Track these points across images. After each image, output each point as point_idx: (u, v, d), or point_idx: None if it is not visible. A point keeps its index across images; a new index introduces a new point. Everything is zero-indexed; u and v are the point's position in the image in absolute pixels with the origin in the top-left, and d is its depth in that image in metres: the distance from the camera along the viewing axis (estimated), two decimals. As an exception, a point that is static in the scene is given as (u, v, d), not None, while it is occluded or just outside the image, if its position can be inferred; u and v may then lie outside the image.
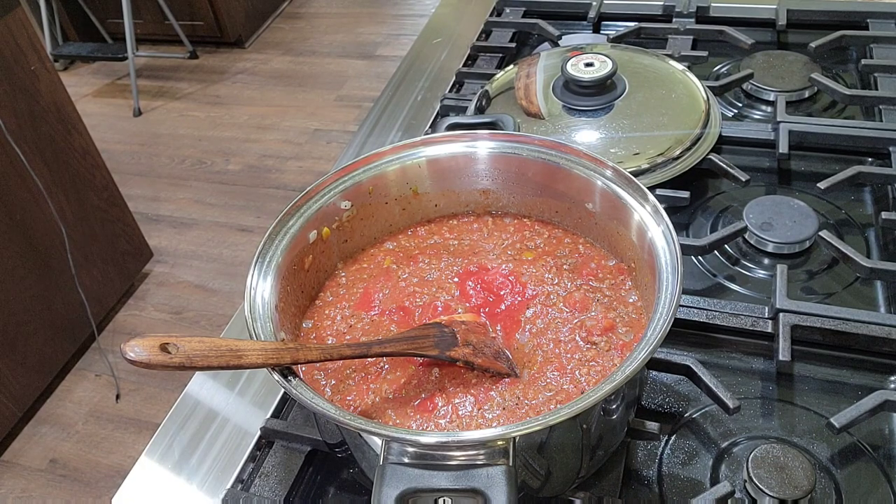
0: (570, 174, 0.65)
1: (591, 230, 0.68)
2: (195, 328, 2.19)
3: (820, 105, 0.99)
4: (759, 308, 0.71)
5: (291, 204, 0.63)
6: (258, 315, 0.55)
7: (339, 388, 0.58)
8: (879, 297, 0.74)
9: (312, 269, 0.65)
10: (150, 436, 0.70)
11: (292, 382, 0.50)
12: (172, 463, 0.65)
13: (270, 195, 2.63)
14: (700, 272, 0.79)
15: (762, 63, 1.02)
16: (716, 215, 0.85)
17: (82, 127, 1.96)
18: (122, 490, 0.64)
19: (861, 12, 1.09)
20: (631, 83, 0.90)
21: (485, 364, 0.57)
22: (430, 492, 0.45)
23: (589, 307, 0.62)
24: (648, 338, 0.49)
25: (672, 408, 0.66)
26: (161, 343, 0.44)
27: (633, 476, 0.61)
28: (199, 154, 2.86)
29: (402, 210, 0.71)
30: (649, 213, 0.59)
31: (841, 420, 0.59)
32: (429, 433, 0.52)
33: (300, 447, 0.64)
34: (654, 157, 0.83)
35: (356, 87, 3.11)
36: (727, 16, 1.14)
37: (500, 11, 1.24)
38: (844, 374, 0.67)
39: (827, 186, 0.81)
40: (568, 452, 0.54)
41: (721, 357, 0.70)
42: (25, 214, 1.82)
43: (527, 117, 0.89)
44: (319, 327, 0.64)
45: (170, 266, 2.39)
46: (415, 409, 0.56)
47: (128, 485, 0.65)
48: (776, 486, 0.54)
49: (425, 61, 1.16)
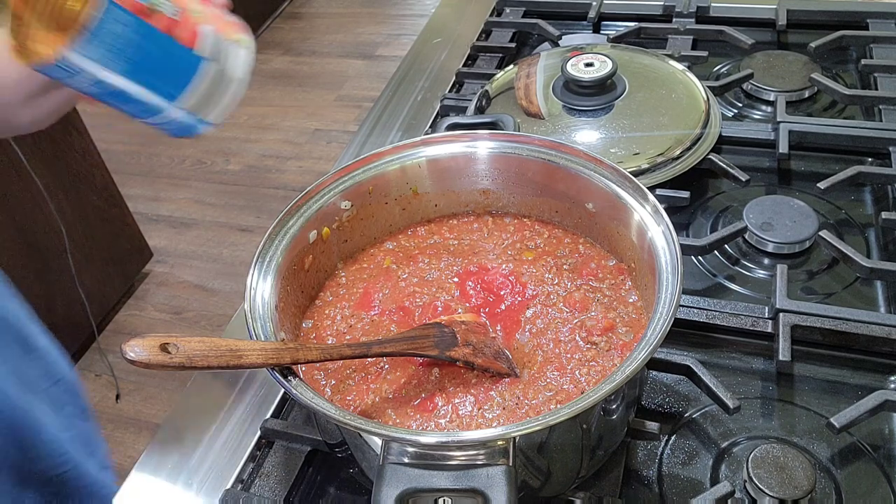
0: (570, 174, 0.65)
1: (591, 230, 0.68)
2: (195, 328, 2.19)
3: (820, 105, 0.99)
4: (759, 308, 0.71)
5: (291, 204, 0.63)
6: (258, 315, 0.55)
7: (339, 388, 0.58)
8: (879, 297, 0.74)
9: (312, 269, 0.65)
10: (150, 436, 0.70)
11: (292, 382, 0.50)
12: (173, 463, 0.65)
13: (270, 195, 2.63)
14: (700, 272, 0.79)
15: (762, 63, 1.02)
16: (716, 215, 0.85)
17: (82, 126, 1.96)
18: (122, 490, 0.64)
19: (861, 12, 1.09)
20: (631, 83, 0.90)
21: (485, 364, 0.57)
22: (430, 492, 0.45)
23: (589, 307, 0.62)
24: (648, 338, 0.49)
25: (672, 408, 0.66)
26: (161, 343, 0.44)
27: (633, 476, 0.61)
28: (199, 154, 2.86)
29: (402, 210, 0.71)
30: (649, 213, 0.59)
31: (841, 420, 0.59)
32: (429, 433, 0.52)
33: (300, 447, 0.64)
34: (654, 157, 0.83)
35: (356, 87, 3.11)
36: (727, 16, 1.14)
37: (500, 11, 1.24)
38: (844, 374, 0.67)
39: (827, 186, 0.81)
40: (568, 452, 0.54)
41: (721, 357, 0.70)
42: (25, 214, 1.82)
43: (527, 117, 0.89)
44: (319, 327, 0.64)
45: (170, 266, 2.39)
46: (415, 409, 0.56)
47: (128, 485, 0.65)
48: (776, 486, 0.54)
49: (425, 61, 1.16)
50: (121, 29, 0.48)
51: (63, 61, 0.49)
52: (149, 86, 0.53)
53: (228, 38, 0.55)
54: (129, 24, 0.49)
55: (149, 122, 0.56)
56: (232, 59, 0.56)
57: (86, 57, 0.49)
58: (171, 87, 0.54)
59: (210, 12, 0.54)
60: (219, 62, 0.55)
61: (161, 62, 0.52)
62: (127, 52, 0.50)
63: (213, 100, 0.56)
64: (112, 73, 0.51)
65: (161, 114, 0.55)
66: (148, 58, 0.51)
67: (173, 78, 0.54)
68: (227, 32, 0.55)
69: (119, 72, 0.51)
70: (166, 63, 0.53)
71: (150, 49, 0.51)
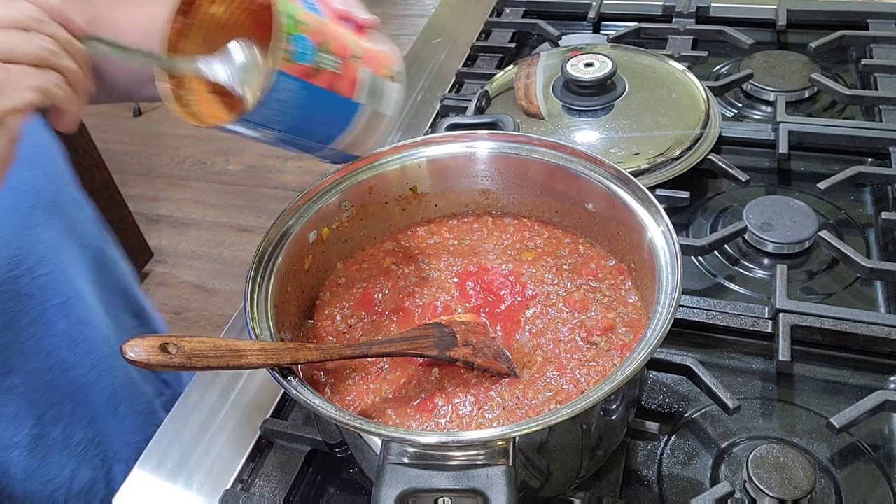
0: (570, 174, 0.65)
1: (591, 230, 0.68)
2: (195, 328, 2.19)
3: (820, 105, 0.99)
4: (759, 308, 0.71)
5: (291, 204, 0.63)
6: (258, 315, 0.55)
7: (339, 388, 0.58)
8: (879, 297, 0.74)
9: (312, 269, 0.65)
10: (150, 435, 0.70)
11: (292, 382, 0.50)
12: (173, 463, 0.65)
13: (270, 195, 2.63)
14: (700, 272, 0.79)
15: (762, 63, 1.02)
16: (716, 215, 0.85)
17: (82, 126, 1.96)
18: (122, 490, 0.64)
19: (861, 12, 1.09)
20: (631, 83, 0.90)
21: (485, 364, 0.57)
22: (430, 492, 0.45)
23: (589, 307, 0.62)
24: (648, 338, 0.49)
25: (672, 408, 0.66)
26: (161, 343, 0.44)
27: (633, 476, 0.61)
28: (199, 154, 2.86)
29: (402, 210, 0.71)
30: (649, 214, 0.59)
31: (841, 420, 0.59)
32: (429, 433, 0.52)
33: (300, 447, 0.64)
34: (654, 157, 0.83)
35: (356, 87, 3.11)
36: (727, 16, 1.14)
37: (500, 11, 1.24)
38: (844, 374, 0.67)
39: (827, 186, 0.81)
40: (568, 452, 0.54)
41: (721, 357, 0.70)
42: (25, 214, 1.81)
43: (527, 117, 0.89)
44: (319, 327, 0.64)
45: (170, 266, 2.39)
46: (415, 409, 0.56)
47: (128, 485, 0.65)
48: (776, 486, 0.54)
49: (425, 61, 1.16)
50: (287, 95, 0.49)
51: (231, 127, 0.51)
52: (307, 135, 0.55)
53: (383, 76, 0.56)
54: (295, 90, 0.50)
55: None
56: (386, 98, 0.57)
57: (253, 122, 0.51)
58: (328, 134, 0.55)
59: (366, 49, 0.55)
60: (374, 103, 0.56)
61: (322, 115, 0.54)
62: (291, 113, 0.51)
63: (365, 138, 0.58)
64: (274, 129, 0.52)
65: (315, 153, 0.58)
66: (310, 114, 0.52)
67: (331, 126, 0.55)
68: (381, 69, 0.56)
69: (281, 129, 0.52)
70: (326, 115, 0.54)
71: (312, 107, 0.52)
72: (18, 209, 0.68)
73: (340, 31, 0.52)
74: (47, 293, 0.69)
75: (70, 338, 0.72)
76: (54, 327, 0.70)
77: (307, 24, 0.49)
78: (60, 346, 0.71)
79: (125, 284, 0.85)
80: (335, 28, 0.52)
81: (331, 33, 0.51)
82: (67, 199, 0.75)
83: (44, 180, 0.72)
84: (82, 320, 0.73)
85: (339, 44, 0.52)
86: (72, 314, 0.72)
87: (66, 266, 0.72)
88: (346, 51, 0.52)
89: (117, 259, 0.85)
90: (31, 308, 0.68)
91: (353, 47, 0.53)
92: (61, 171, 0.76)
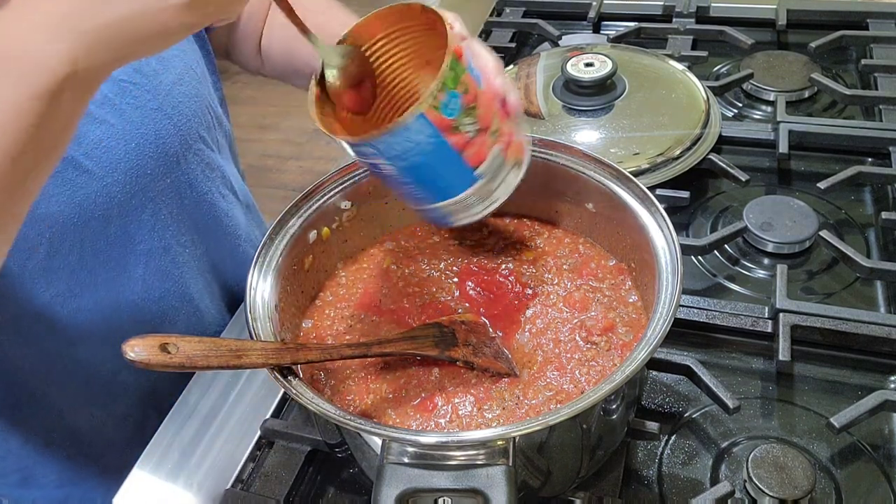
0: (570, 174, 0.65)
1: (591, 230, 0.68)
2: (195, 328, 2.18)
3: (820, 105, 0.99)
4: (759, 308, 0.71)
5: (291, 204, 0.63)
6: (258, 315, 0.55)
7: (339, 388, 0.58)
8: (879, 297, 0.74)
9: (312, 269, 0.65)
10: (150, 436, 0.70)
11: (292, 382, 0.50)
12: (173, 463, 0.65)
13: (270, 195, 2.63)
14: (700, 272, 0.79)
15: (762, 63, 1.02)
16: (716, 215, 0.85)
17: (82, 127, 1.96)
18: (122, 490, 0.64)
19: (861, 12, 1.09)
20: (631, 83, 0.90)
21: (484, 364, 0.57)
22: (430, 492, 0.45)
23: (589, 307, 0.62)
24: (648, 338, 0.49)
25: (672, 408, 0.66)
26: (161, 343, 0.44)
27: (633, 476, 0.61)
28: (199, 154, 2.85)
29: (402, 210, 0.71)
30: (649, 213, 0.59)
31: (841, 420, 0.59)
32: (429, 433, 0.52)
33: (300, 447, 0.64)
34: (654, 157, 0.83)
35: (356, 86, 3.11)
36: (727, 16, 1.14)
37: (500, 11, 1.24)
38: (844, 374, 0.67)
39: (827, 186, 0.81)
40: (568, 452, 0.54)
41: (721, 357, 0.70)
42: (25, 214, 1.81)
43: (527, 117, 0.89)
44: (319, 327, 0.64)
45: (170, 266, 2.39)
46: (415, 409, 0.56)
47: (128, 485, 0.65)
48: (776, 486, 0.54)
49: (425, 61, 1.15)
50: (418, 136, 0.49)
51: (355, 147, 0.52)
52: (418, 185, 0.54)
53: (510, 161, 0.56)
54: (427, 135, 0.50)
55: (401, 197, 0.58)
56: (503, 182, 0.56)
57: (375, 149, 0.51)
58: (439, 193, 0.55)
59: (506, 129, 0.55)
60: (491, 182, 0.55)
61: (440, 173, 0.53)
62: (414, 157, 0.51)
63: (468, 209, 0.57)
64: (391, 166, 0.52)
65: (417, 205, 0.57)
66: (430, 165, 0.52)
67: (444, 187, 0.55)
68: (511, 154, 0.56)
69: (397, 168, 0.52)
70: (445, 174, 0.54)
71: (436, 161, 0.52)
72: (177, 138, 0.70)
73: (490, 105, 0.53)
74: (140, 235, 0.70)
75: (145, 283, 0.73)
76: (133, 271, 0.71)
77: (465, 85, 0.50)
78: (134, 289, 0.72)
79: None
80: (487, 101, 0.52)
81: (481, 103, 0.51)
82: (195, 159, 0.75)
83: (194, 122, 0.73)
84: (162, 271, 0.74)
85: (485, 115, 0.52)
86: (152, 264, 0.72)
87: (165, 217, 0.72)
88: (488, 124, 0.53)
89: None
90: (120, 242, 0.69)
91: (495, 124, 0.53)
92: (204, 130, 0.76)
